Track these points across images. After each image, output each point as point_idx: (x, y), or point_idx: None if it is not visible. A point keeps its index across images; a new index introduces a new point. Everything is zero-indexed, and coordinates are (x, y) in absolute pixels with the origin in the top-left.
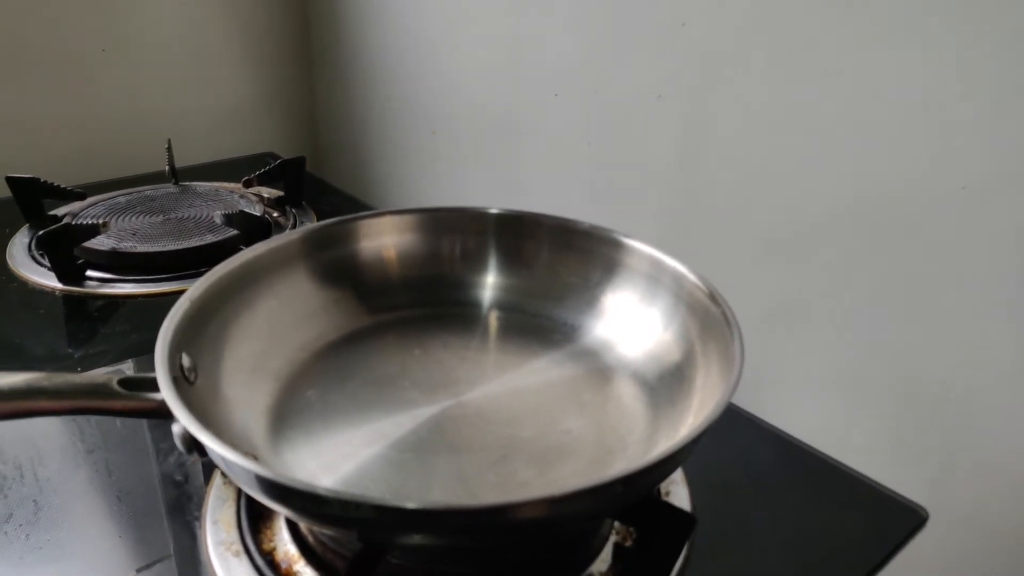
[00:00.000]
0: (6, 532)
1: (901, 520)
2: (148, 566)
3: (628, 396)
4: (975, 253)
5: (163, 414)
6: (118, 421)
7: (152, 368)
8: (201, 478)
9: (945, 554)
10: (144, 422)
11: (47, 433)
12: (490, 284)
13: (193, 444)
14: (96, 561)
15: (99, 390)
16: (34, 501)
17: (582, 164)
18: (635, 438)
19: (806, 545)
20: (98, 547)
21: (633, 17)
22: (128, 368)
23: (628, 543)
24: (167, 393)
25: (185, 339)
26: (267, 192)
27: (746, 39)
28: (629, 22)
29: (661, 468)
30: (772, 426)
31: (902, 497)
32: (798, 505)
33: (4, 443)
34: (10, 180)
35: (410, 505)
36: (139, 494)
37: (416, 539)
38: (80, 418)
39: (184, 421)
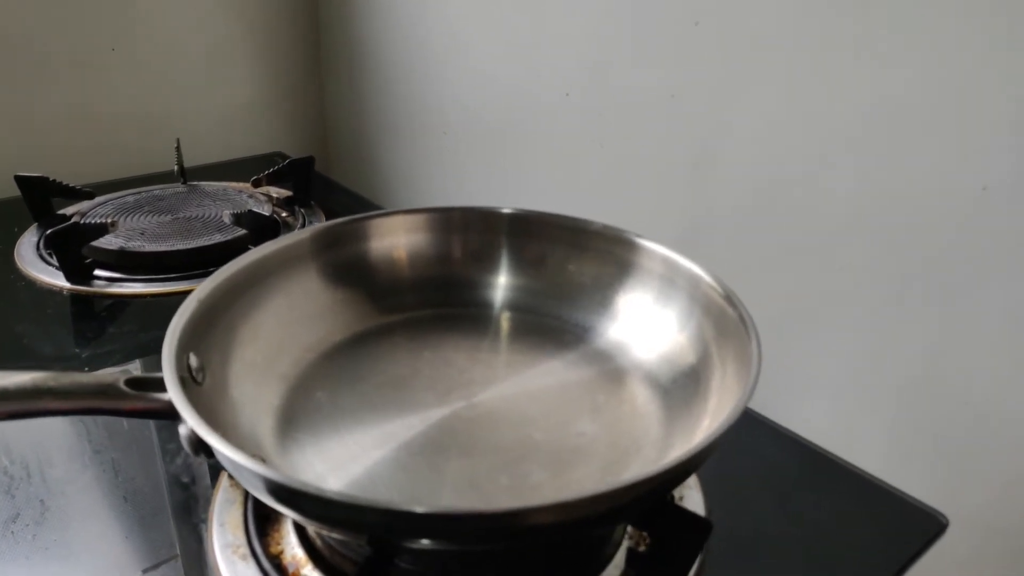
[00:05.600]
0: (13, 532)
1: (920, 526)
2: (154, 567)
3: (642, 398)
4: (995, 255)
5: (170, 415)
6: (125, 421)
7: (159, 368)
8: (208, 479)
9: (963, 562)
10: (151, 422)
11: (54, 433)
12: (502, 284)
13: (200, 446)
14: (102, 561)
15: (106, 390)
16: (41, 501)
17: (594, 165)
18: (649, 441)
19: (822, 551)
20: (104, 547)
21: (646, 16)
22: (136, 368)
23: (642, 548)
24: (174, 393)
25: (193, 339)
26: (276, 192)
27: (761, 38)
28: (642, 21)
29: (679, 472)
30: (786, 429)
31: (920, 502)
32: (814, 510)
33: (11, 443)
34: (19, 179)
35: (419, 509)
36: (146, 495)
37: (426, 544)
38: (87, 418)
39: (191, 422)
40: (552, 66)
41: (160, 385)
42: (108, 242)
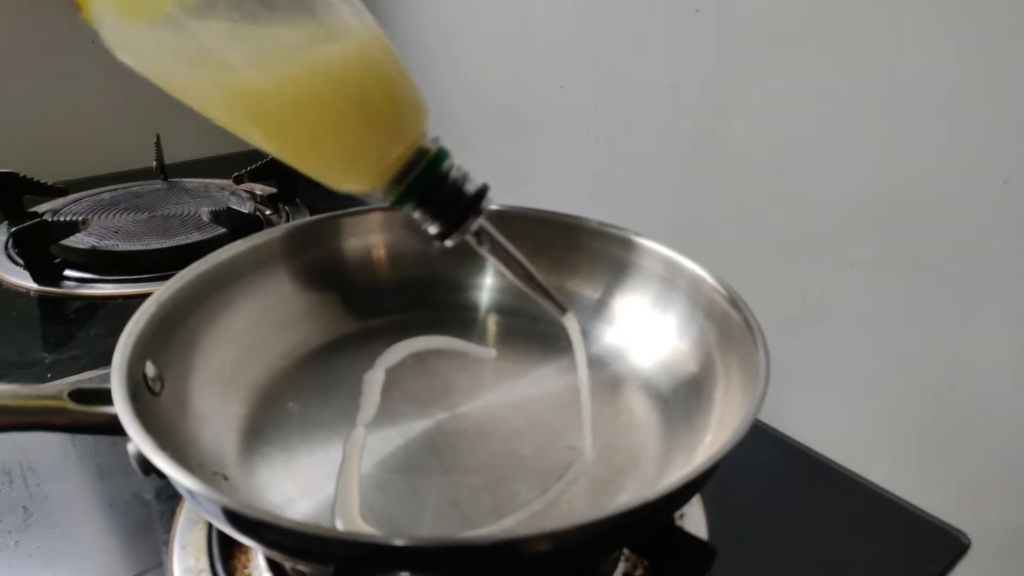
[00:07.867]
0: None
1: (940, 547)
2: (140, 574)
3: (640, 409)
4: (1016, 252)
5: (119, 430)
6: None
7: None
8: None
9: None
10: None
11: (37, 438)
12: (488, 286)
13: (149, 464)
14: (87, 569)
15: (47, 404)
16: (24, 507)
17: (590, 159)
18: (648, 455)
19: (835, 574)
20: (89, 554)
21: (644, 3)
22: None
23: (639, 573)
24: (120, 406)
25: (151, 346)
26: (259, 189)
27: (765, 24)
28: (640, 8)
29: (681, 494)
30: (794, 440)
31: (940, 521)
32: (825, 529)
33: None
34: None
35: (392, 541)
36: (131, 501)
37: None
38: None
39: (135, 437)
40: (547, 57)
41: (110, 397)
42: (79, 241)
